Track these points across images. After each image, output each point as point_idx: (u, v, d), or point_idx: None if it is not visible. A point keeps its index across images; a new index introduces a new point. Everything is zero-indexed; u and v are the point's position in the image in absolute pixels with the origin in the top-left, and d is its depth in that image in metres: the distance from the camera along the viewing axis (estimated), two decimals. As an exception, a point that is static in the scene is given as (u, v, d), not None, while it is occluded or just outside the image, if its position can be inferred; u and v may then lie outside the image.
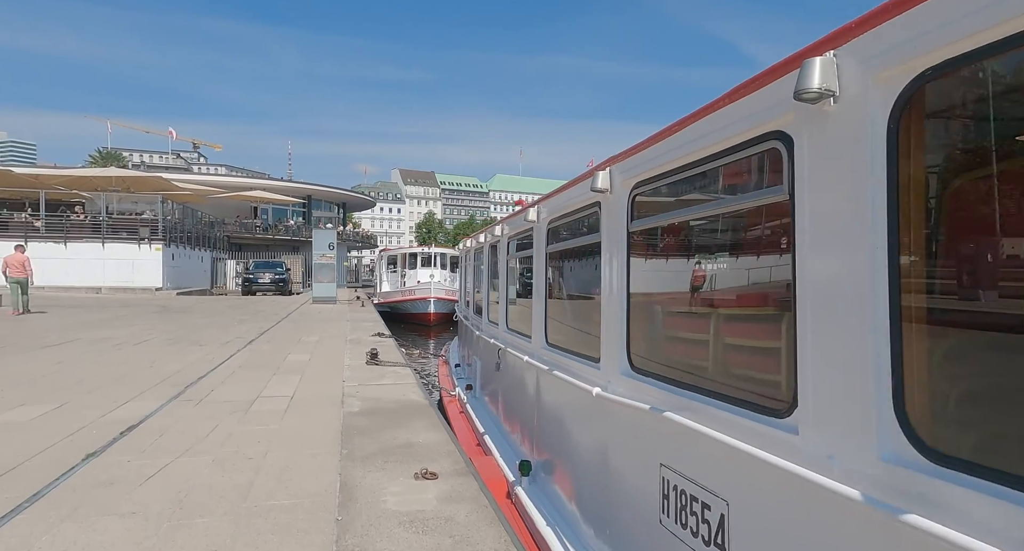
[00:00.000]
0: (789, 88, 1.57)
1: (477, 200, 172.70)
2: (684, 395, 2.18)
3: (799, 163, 1.57)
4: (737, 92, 1.88)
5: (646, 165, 2.56)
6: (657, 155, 2.45)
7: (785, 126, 1.63)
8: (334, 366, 7.86)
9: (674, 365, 2.46)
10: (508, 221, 5.64)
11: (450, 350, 11.96)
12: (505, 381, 5.36)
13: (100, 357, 8.06)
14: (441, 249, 25.98)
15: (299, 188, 47.94)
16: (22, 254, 15.03)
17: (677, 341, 2.61)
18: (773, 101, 1.67)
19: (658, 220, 2.66)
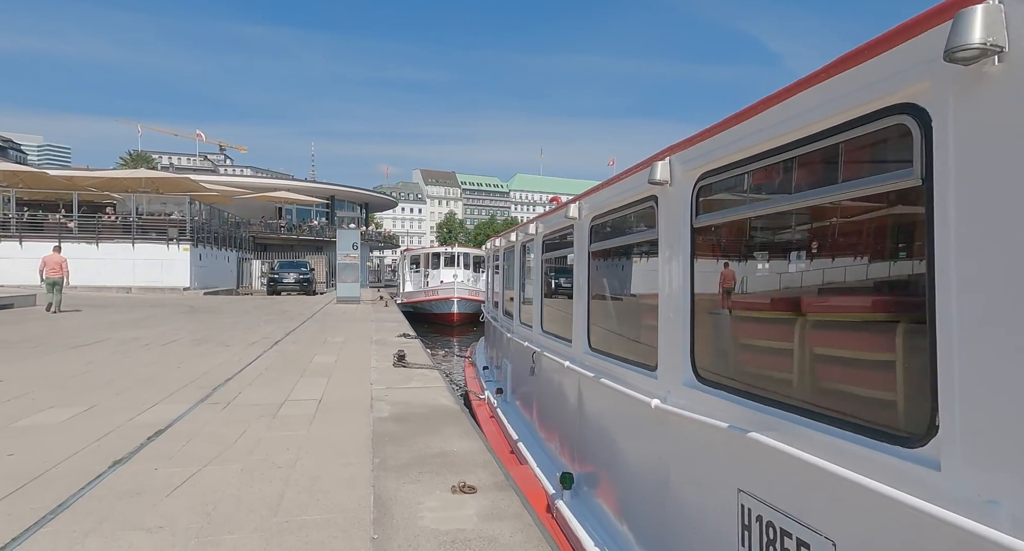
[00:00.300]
0: (923, 50, 1.31)
1: (498, 200, 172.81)
2: (768, 413, 1.91)
3: (941, 141, 1.30)
4: (844, 63, 1.61)
5: (717, 153, 2.29)
6: (732, 141, 2.19)
7: (918, 97, 1.37)
8: (361, 368, 7.71)
9: (752, 377, 2.20)
10: (543, 219, 5.40)
11: (476, 351, 11.77)
12: (540, 386, 5.13)
13: (129, 357, 8.04)
14: (464, 249, 25.84)
15: (322, 189, 48.35)
16: (59, 255, 15.38)
17: (754, 350, 2.34)
18: (900, 68, 1.41)
19: (730, 214, 2.39)
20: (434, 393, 6.27)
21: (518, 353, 6.26)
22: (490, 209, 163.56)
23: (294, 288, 28.38)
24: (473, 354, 11.66)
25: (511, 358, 6.78)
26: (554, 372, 4.61)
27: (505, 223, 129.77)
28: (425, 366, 7.89)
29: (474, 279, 25.42)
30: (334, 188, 49.68)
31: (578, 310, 4.02)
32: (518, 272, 6.63)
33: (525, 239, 6.25)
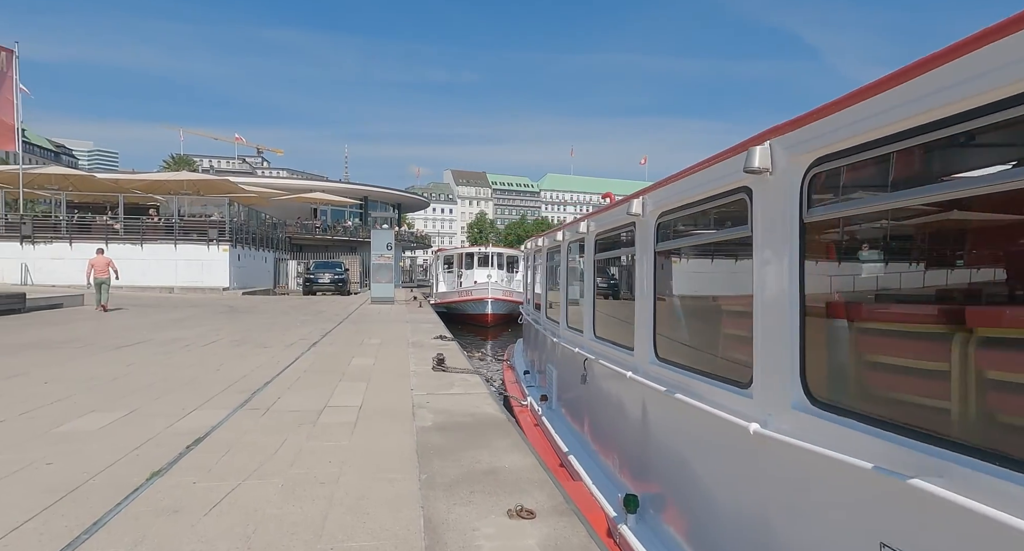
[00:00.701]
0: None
1: (528, 200, 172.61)
2: (926, 452, 1.54)
3: None
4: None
5: (838, 134, 1.92)
6: (860, 119, 1.82)
7: None
8: (400, 372, 7.49)
9: (893, 404, 1.83)
10: (595, 217, 5.05)
11: (514, 354, 11.47)
12: (594, 396, 4.78)
13: (170, 359, 8.02)
14: (498, 249, 25.61)
15: (356, 189, 48.88)
16: (104, 257, 16.29)
17: (889, 370, 1.95)
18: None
19: (857, 206, 2.02)
20: (477, 400, 5.98)
21: (566, 359, 5.93)
22: (520, 209, 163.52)
23: (329, 288, 28.64)
24: (511, 357, 11.36)
25: (556, 364, 6.45)
26: (611, 382, 4.26)
27: (536, 223, 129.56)
28: (465, 370, 7.62)
29: (508, 279, 25.16)
30: (367, 189, 50.18)
31: (642, 316, 3.66)
32: (565, 273, 6.29)
33: (574, 238, 5.92)
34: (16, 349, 8.58)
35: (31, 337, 9.99)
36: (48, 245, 25.11)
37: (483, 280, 23.12)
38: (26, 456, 3.84)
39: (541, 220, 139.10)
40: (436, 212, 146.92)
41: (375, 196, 51.60)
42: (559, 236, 6.32)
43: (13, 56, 25.00)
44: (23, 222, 24.99)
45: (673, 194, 3.31)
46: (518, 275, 26.64)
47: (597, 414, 4.69)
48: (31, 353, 8.21)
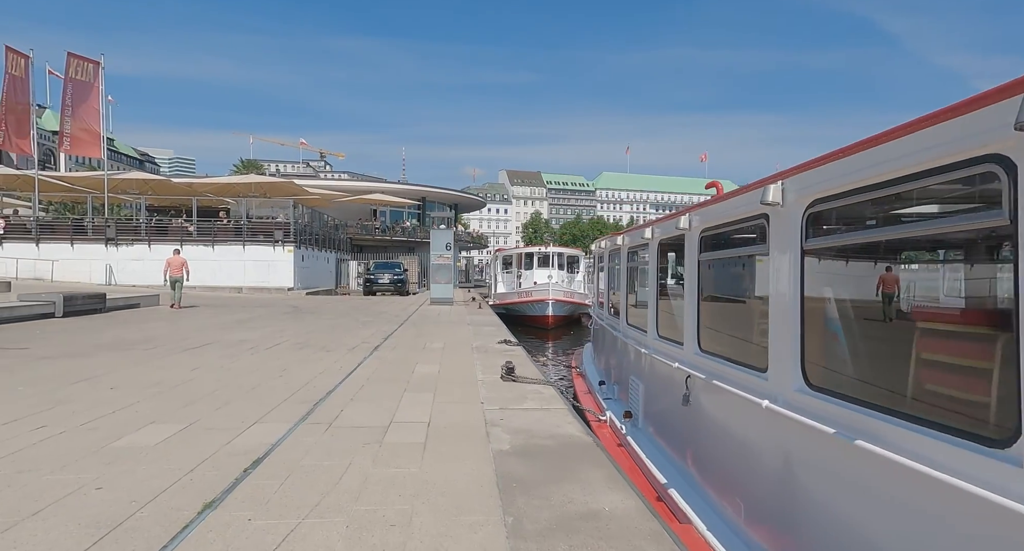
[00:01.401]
0: None
1: (584, 199, 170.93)
2: None
3: None
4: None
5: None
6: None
7: None
8: (466, 381, 6.98)
9: None
10: (700, 210, 4.32)
11: (583, 360, 10.79)
12: (703, 422, 4.06)
13: (234, 363, 7.84)
14: (558, 248, 24.88)
15: (414, 190, 49.39)
16: (179, 257, 17.53)
17: None
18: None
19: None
20: (556, 418, 5.36)
21: (657, 374, 5.22)
22: (575, 208, 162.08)
23: (388, 289, 28.82)
24: (581, 363, 10.68)
25: (643, 377, 5.73)
26: (732, 409, 3.54)
27: (591, 223, 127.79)
28: (537, 381, 7.02)
29: (568, 280, 24.44)
30: (425, 189, 50.62)
31: (781, 329, 2.93)
32: (654, 274, 5.57)
33: (667, 235, 5.19)
34: (92, 350, 8.66)
35: (107, 337, 10.17)
36: (129, 247, 26.45)
37: (543, 281, 22.48)
38: (79, 477, 3.52)
39: (596, 219, 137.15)
40: (491, 212, 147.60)
41: (432, 197, 52.01)
42: (647, 233, 5.59)
43: (99, 68, 26.49)
44: (108, 225, 26.43)
45: (828, 177, 2.57)
46: (578, 275, 25.87)
47: (708, 444, 3.96)
48: (104, 355, 8.25)
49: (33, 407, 5.14)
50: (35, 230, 25.90)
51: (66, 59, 25.14)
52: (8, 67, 24.50)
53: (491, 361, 8.51)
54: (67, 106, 25.56)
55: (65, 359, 7.74)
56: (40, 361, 7.50)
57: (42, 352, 8.28)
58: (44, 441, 4.21)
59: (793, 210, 2.84)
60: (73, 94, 25.61)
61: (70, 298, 13.16)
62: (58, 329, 11.20)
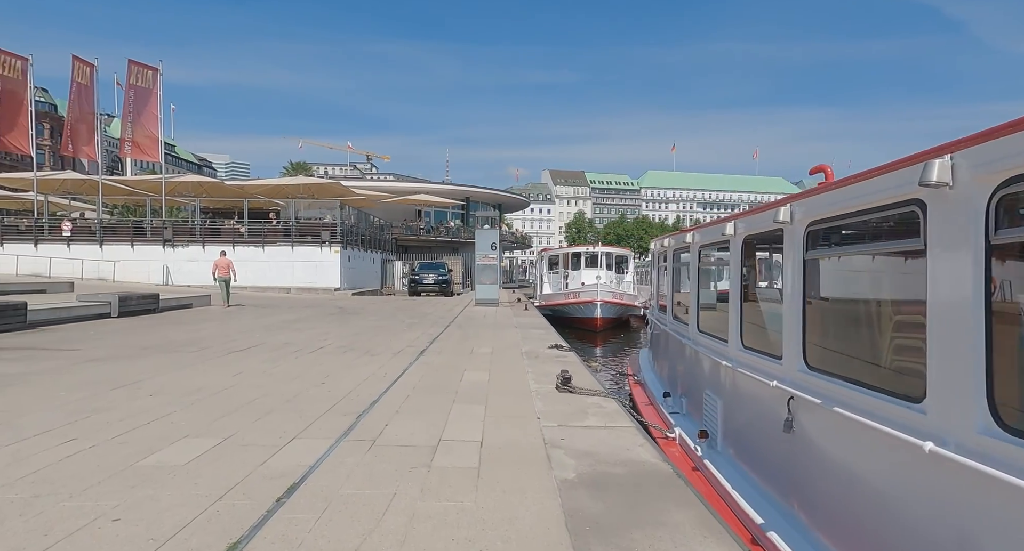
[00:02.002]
0: None
1: (628, 198, 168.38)
2: None
3: None
4: None
5: None
6: None
7: None
8: (519, 392, 6.43)
9: None
10: (805, 200, 3.62)
11: (640, 367, 10.07)
12: (814, 455, 3.36)
13: (277, 367, 7.55)
14: (606, 248, 24.04)
15: (458, 191, 49.36)
16: (226, 258, 18.39)
17: None
18: None
19: None
20: (625, 439, 4.73)
21: (743, 391, 4.52)
22: (620, 208, 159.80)
23: (433, 289, 28.67)
24: (638, 371, 9.97)
25: (724, 393, 5.03)
26: (864, 447, 2.84)
27: (636, 222, 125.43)
28: (597, 392, 6.40)
29: (617, 280, 23.60)
30: (469, 190, 50.53)
31: (955, 349, 2.23)
32: (737, 277, 4.86)
33: (753, 230, 4.49)
34: (139, 351, 8.58)
35: (156, 339, 10.14)
36: (185, 248, 27.21)
37: (591, 281, 21.72)
38: (97, 505, 3.15)
39: (641, 219, 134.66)
40: (534, 212, 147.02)
41: (476, 197, 51.87)
42: (727, 228, 4.88)
43: (158, 74, 27.38)
44: (165, 227, 27.27)
45: None
46: (627, 276, 24.98)
47: (823, 484, 3.26)
48: (150, 357, 8.12)
49: (69, 416, 4.90)
50: (99, 232, 26.99)
51: (127, 66, 26.11)
52: (75, 75, 25.63)
53: (543, 368, 7.95)
54: (129, 112, 26.52)
55: (111, 362, 7.63)
56: (87, 364, 7.40)
57: (91, 354, 8.23)
58: (71, 458, 3.90)
59: (971, 193, 2.14)
60: (134, 100, 26.55)
61: (125, 299, 13.36)
62: (111, 329, 11.31)
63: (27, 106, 25.38)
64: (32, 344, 8.91)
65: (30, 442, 4.20)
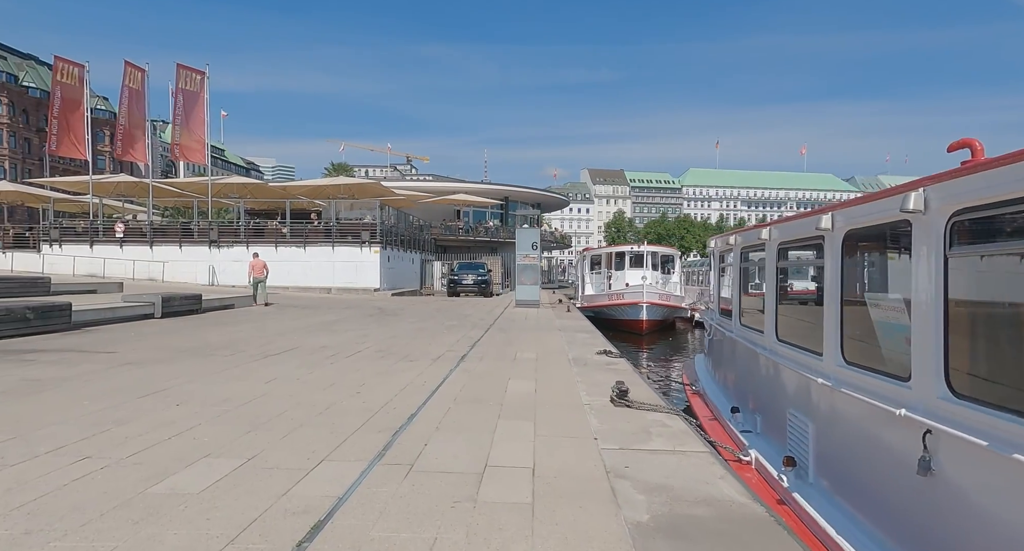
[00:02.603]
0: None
1: (669, 197, 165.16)
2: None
3: None
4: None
5: None
6: None
7: None
8: (570, 405, 5.81)
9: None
10: (943, 184, 2.87)
11: (697, 376, 9.28)
12: (956, 503, 2.62)
13: (311, 374, 7.15)
14: (652, 247, 23.05)
15: (497, 190, 48.97)
16: (259, 259, 19.77)
17: None
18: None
19: None
20: (700, 467, 4.05)
21: (846, 416, 3.77)
22: (660, 206, 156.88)
23: (472, 290, 28.30)
24: (694, 379, 9.20)
25: (818, 417, 4.28)
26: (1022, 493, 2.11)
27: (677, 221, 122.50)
28: (658, 407, 5.71)
29: (663, 281, 22.63)
30: (508, 189, 50.09)
31: None
32: (836, 280, 4.11)
33: (859, 225, 3.74)
34: (175, 354, 8.36)
35: (193, 341, 9.97)
36: (230, 249, 27.66)
37: (636, 282, 20.84)
38: (92, 546, 2.71)
39: (683, 217, 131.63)
40: (572, 212, 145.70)
41: (515, 196, 51.38)
42: (823, 221, 4.12)
43: (204, 78, 27.95)
44: (211, 228, 27.79)
45: None
46: (674, 276, 23.96)
47: (983, 546, 2.52)
48: (185, 360, 7.87)
49: (87, 429, 4.56)
50: (149, 234, 27.72)
51: (176, 71, 26.73)
52: (126, 80, 26.39)
53: (594, 377, 7.31)
54: (178, 115, 27.16)
55: (145, 366, 7.39)
56: (120, 368, 7.17)
57: (127, 356, 8.04)
58: (77, 481, 3.50)
59: None
60: (183, 104, 27.17)
61: (168, 299, 13.37)
62: (152, 331, 11.25)
63: (84, 111, 26.29)
64: (71, 346, 8.82)
65: (40, 461, 3.84)
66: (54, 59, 25.58)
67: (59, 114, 25.28)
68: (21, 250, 27.62)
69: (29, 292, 14.66)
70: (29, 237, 28.43)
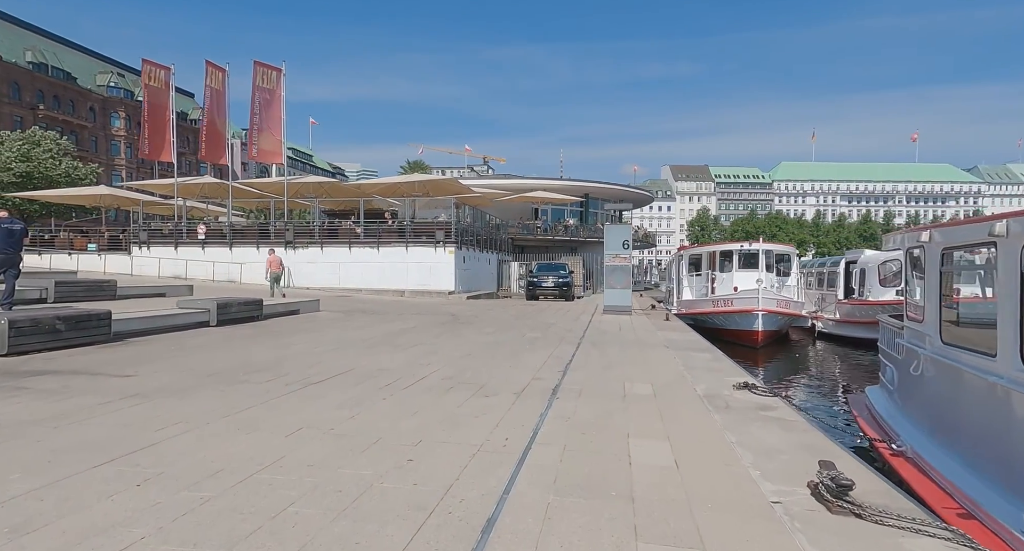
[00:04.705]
0: None
1: (758, 192, 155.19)
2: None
3: None
4: None
5: None
6: None
7: None
8: (750, 508, 3.47)
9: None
10: None
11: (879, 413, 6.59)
12: None
13: (353, 420, 5.24)
14: (767, 245, 19.72)
15: (576, 187, 46.48)
16: (276, 256, 21.17)
17: None
18: None
19: None
20: None
21: None
22: (749, 203, 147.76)
23: (553, 292, 26.12)
24: (873, 415, 6.53)
25: None
26: None
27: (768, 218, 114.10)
28: (919, 523, 3.24)
29: (779, 285, 19.35)
30: (588, 185, 47.49)
31: None
32: None
33: None
34: (199, 381, 6.77)
35: (234, 359, 8.45)
36: (305, 249, 27.13)
37: (749, 286, 17.75)
38: None
39: (774, 214, 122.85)
40: (653, 210, 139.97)
41: (596, 193, 48.68)
42: None
43: (281, 75, 27.63)
44: (287, 229, 27.40)
45: None
46: (790, 279, 20.54)
47: None
48: (202, 392, 6.23)
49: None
50: (228, 235, 27.74)
51: (253, 68, 26.55)
52: (208, 81, 26.50)
53: (755, 434, 4.92)
54: (255, 114, 26.98)
55: (150, 401, 5.79)
56: (117, 405, 5.59)
57: (142, 383, 6.52)
58: None
59: None
60: (260, 103, 26.96)
61: (224, 306, 12.20)
62: (198, 343, 9.94)
63: (170, 114, 26.66)
64: (89, 366, 7.48)
65: None
66: (142, 62, 26.14)
67: (148, 117, 25.76)
68: (114, 252, 28.53)
69: (96, 296, 14.08)
70: (122, 240, 29.38)
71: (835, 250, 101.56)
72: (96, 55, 70.30)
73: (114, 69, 69.03)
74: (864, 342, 19.64)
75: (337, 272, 26.57)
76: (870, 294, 19.68)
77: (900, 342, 6.56)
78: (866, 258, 20.47)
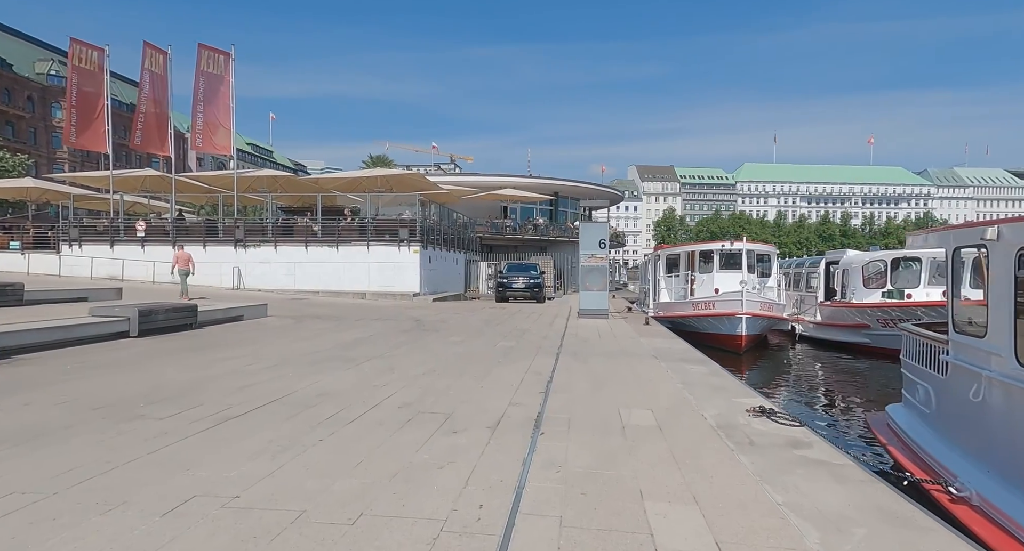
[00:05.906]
0: None
1: (722, 193, 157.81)
2: None
3: None
4: None
5: None
6: None
7: None
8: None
9: None
10: None
11: (910, 436, 5.57)
12: None
13: (275, 476, 3.85)
14: (750, 245, 18.89)
15: (546, 184, 45.44)
16: (185, 252, 19.90)
17: None
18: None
19: None
20: None
21: None
22: (713, 203, 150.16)
23: (524, 294, 24.90)
24: (905, 442, 5.52)
25: None
26: None
27: (732, 218, 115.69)
28: None
29: (760, 286, 18.57)
30: (558, 183, 46.51)
31: None
32: None
33: None
34: (81, 416, 5.25)
35: (140, 383, 6.90)
36: (257, 248, 25.18)
37: (731, 287, 16.88)
38: None
39: (738, 214, 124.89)
40: (620, 210, 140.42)
41: (566, 191, 47.75)
42: None
43: (230, 60, 25.55)
44: (237, 226, 25.39)
45: None
46: (771, 280, 19.82)
47: None
48: (78, 436, 4.74)
49: None
50: (172, 232, 25.55)
51: (197, 51, 24.42)
52: (146, 63, 24.23)
53: (803, 492, 3.77)
54: (199, 100, 24.85)
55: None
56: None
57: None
58: None
59: None
60: (205, 88, 24.85)
61: (148, 313, 10.50)
62: (105, 360, 8.30)
63: (104, 100, 24.31)
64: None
65: None
66: (70, 42, 23.68)
67: (77, 103, 23.40)
68: (40, 251, 25.95)
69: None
70: (50, 237, 26.77)
71: (796, 250, 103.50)
72: (35, 41, 65.67)
73: (55, 57, 64.61)
74: (847, 346, 19.10)
75: (293, 273, 24.73)
76: (854, 296, 19.15)
77: (945, 359, 5.54)
78: (849, 259, 19.95)
